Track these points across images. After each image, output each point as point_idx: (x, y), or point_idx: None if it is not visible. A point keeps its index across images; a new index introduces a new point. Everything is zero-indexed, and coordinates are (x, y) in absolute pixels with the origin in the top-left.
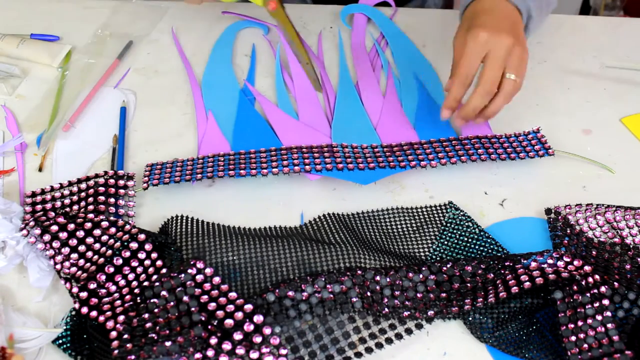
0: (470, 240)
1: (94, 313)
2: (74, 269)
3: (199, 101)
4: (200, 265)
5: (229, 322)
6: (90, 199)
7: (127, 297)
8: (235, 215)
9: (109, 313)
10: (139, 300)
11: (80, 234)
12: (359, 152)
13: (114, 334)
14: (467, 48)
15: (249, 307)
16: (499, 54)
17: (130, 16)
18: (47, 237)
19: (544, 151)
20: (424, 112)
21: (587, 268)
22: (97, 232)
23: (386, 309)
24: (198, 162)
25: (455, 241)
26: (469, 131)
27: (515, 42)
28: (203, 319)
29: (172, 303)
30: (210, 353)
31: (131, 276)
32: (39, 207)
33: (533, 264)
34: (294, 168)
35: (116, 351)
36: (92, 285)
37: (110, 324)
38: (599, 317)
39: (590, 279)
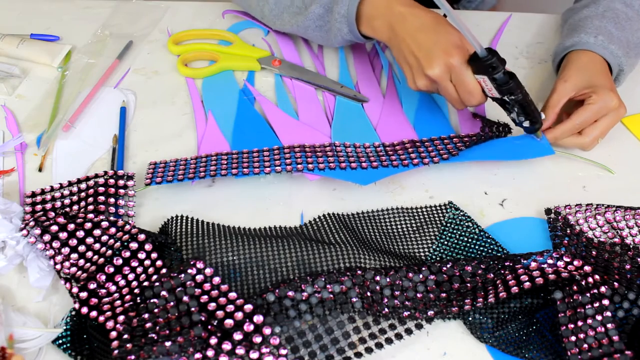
0: (470, 240)
1: (94, 313)
2: (74, 269)
3: (198, 101)
4: (200, 265)
5: (228, 322)
6: (90, 199)
7: (127, 297)
8: (235, 215)
9: (109, 313)
10: (139, 300)
11: (80, 234)
12: (361, 151)
13: (114, 334)
14: (594, 104)
15: (248, 307)
16: (606, 125)
17: (130, 16)
18: (47, 237)
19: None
20: (423, 113)
21: (587, 268)
22: (97, 232)
23: (386, 309)
24: (202, 161)
25: (455, 241)
26: (469, 131)
27: (620, 116)
28: (203, 319)
29: (172, 303)
30: (210, 353)
31: (131, 276)
32: (39, 207)
33: (533, 264)
34: (297, 167)
35: (116, 351)
36: (92, 285)
37: (110, 324)
38: (599, 317)
39: (590, 279)
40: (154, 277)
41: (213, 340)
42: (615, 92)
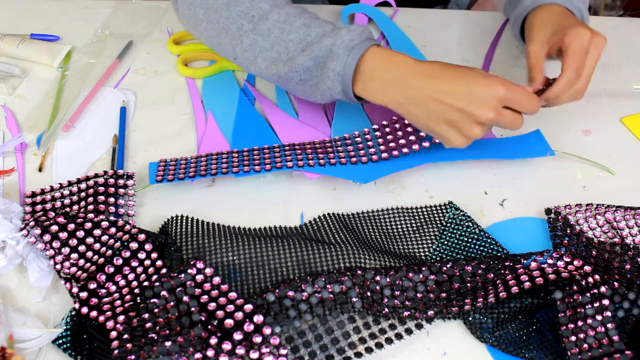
0: (470, 240)
1: (94, 313)
2: (74, 269)
3: (198, 101)
4: (200, 265)
5: (229, 322)
6: (90, 199)
7: (127, 297)
8: (235, 215)
9: (109, 313)
10: (139, 300)
11: (80, 234)
12: (361, 140)
13: (114, 334)
14: (573, 45)
15: (249, 307)
16: (594, 58)
17: (130, 16)
18: (47, 237)
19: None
20: None
21: (587, 268)
22: (97, 232)
23: (386, 309)
24: (212, 159)
25: (455, 241)
26: None
27: (603, 42)
28: (203, 319)
29: (172, 303)
30: (210, 353)
31: (131, 276)
32: (39, 207)
33: (533, 264)
34: (297, 163)
35: (116, 351)
36: (92, 285)
37: (110, 324)
38: (599, 317)
39: (590, 279)
40: (154, 277)
41: (213, 340)
42: (584, 25)
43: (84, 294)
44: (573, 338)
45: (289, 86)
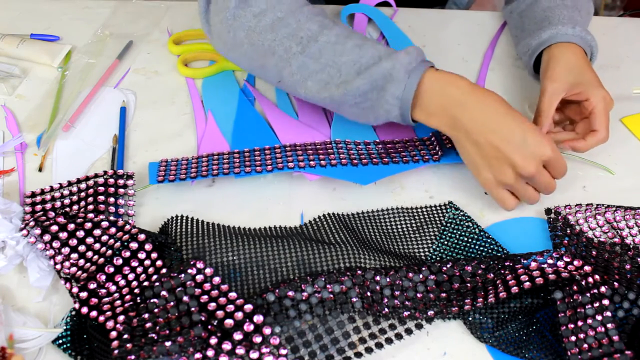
0: (470, 240)
1: (94, 313)
2: (74, 269)
3: (198, 101)
4: (200, 265)
5: (229, 322)
6: (90, 199)
7: (127, 297)
8: (235, 215)
9: (109, 313)
10: (139, 300)
11: (80, 234)
12: (362, 148)
13: (114, 334)
14: (600, 107)
15: (249, 307)
16: (606, 110)
17: (130, 16)
18: (47, 237)
19: None
20: None
21: (587, 268)
22: (97, 232)
23: (386, 309)
24: (213, 159)
25: (455, 241)
26: None
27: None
28: (203, 319)
29: (172, 303)
30: (210, 353)
31: (131, 276)
32: (38, 207)
33: (533, 264)
34: (298, 164)
35: (116, 351)
36: (92, 285)
37: (110, 324)
38: (599, 317)
39: (590, 279)
40: (154, 277)
41: (213, 340)
42: (602, 85)
43: (84, 294)
44: (573, 338)
45: (342, 109)
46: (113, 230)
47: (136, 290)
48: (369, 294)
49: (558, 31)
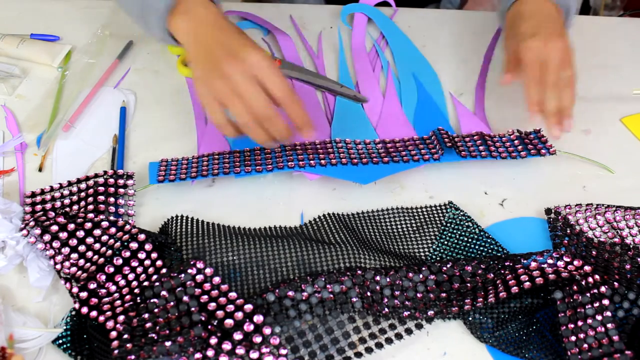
0: (470, 240)
1: (94, 313)
2: (74, 269)
3: (198, 101)
4: (200, 265)
5: (229, 322)
6: (90, 199)
7: (127, 297)
8: (235, 215)
9: (109, 313)
10: (139, 300)
11: (80, 234)
12: (362, 147)
13: (114, 334)
14: (526, 59)
15: (249, 307)
16: (554, 62)
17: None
18: (47, 237)
19: (545, 150)
20: (423, 113)
21: (587, 268)
22: (97, 232)
23: (386, 309)
24: (214, 159)
25: (455, 241)
26: (469, 131)
27: (563, 44)
28: (203, 319)
29: (172, 303)
30: (210, 353)
31: (131, 276)
32: (39, 207)
33: (533, 264)
34: (298, 164)
35: (116, 351)
36: (92, 285)
37: (110, 324)
38: (599, 317)
39: (590, 279)
40: (154, 277)
41: (213, 340)
42: (547, 35)
43: (84, 294)
44: (573, 338)
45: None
46: (113, 230)
47: (136, 290)
48: (369, 294)
49: None
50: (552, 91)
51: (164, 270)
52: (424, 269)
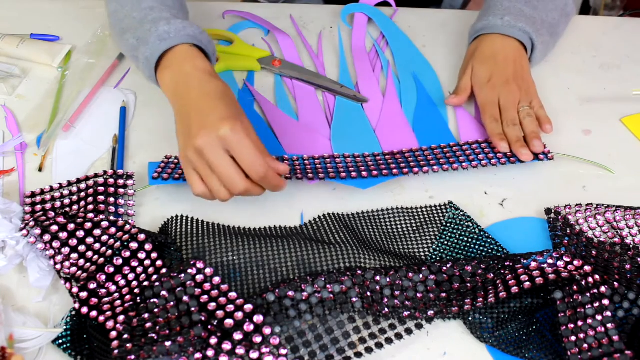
0: (470, 240)
1: (94, 313)
2: (74, 269)
3: None
4: (200, 265)
5: (229, 322)
6: (90, 199)
7: (127, 297)
8: (235, 215)
9: (109, 313)
10: (139, 300)
11: (80, 234)
12: (361, 161)
13: (114, 334)
14: (480, 101)
15: (249, 307)
16: (507, 104)
17: None
18: (47, 237)
19: (543, 155)
20: (422, 113)
21: (587, 268)
22: (97, 232)
23: (386, 309)
24: None
25: (455, 241)
26: (469, 136)
27: (518, 88)
28: (203, 319)
29: (172, 303)
30: (210, 353)
31: (131, 276)
32: (38, 207)
33: (533, 264)
34: (296, 175)
35: (116, 351)
36: (92, 285)
37: (110, 324)
38: (599, 317)
39: (590, 279)
40: (154, 277)
41: (213, 340)
42: (500, 82)
43: (84, 294)
44: (573, 338)
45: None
46: (113, 230)
47: (136, 290)
48: (369, 294)
49: (489, 22)
50: (510, 126)
51: (164, 270)
52: (424, 269)
